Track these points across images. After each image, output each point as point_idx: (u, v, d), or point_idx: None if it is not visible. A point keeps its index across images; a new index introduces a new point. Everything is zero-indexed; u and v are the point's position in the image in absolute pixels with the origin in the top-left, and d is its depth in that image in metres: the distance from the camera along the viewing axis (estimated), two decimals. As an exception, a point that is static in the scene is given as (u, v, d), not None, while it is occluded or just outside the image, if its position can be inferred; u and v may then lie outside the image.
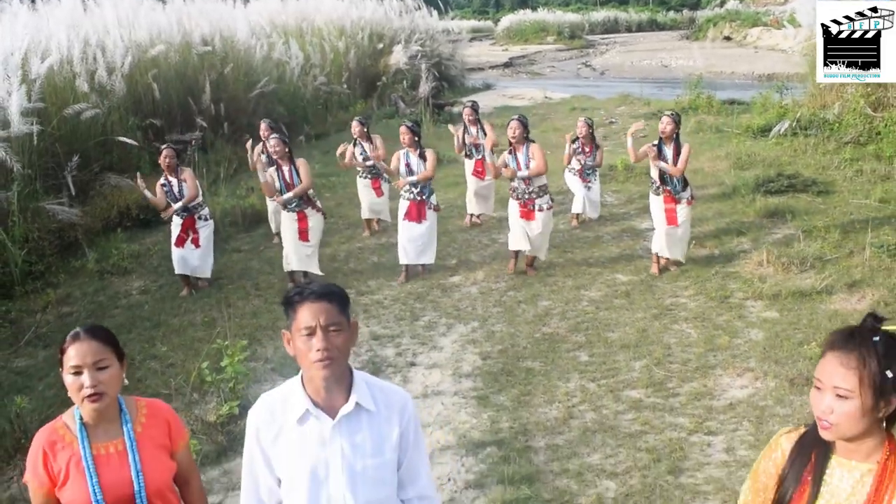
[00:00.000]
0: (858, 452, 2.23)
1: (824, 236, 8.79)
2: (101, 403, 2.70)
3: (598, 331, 6.94)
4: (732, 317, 7.07)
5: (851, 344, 2.15)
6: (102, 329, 2.82)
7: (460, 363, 6.49)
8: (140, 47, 13.92)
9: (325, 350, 2.42)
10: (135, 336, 7.45)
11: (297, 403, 2.53)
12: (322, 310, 2.45)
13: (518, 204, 8.20)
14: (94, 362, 2.68)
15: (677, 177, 8.03)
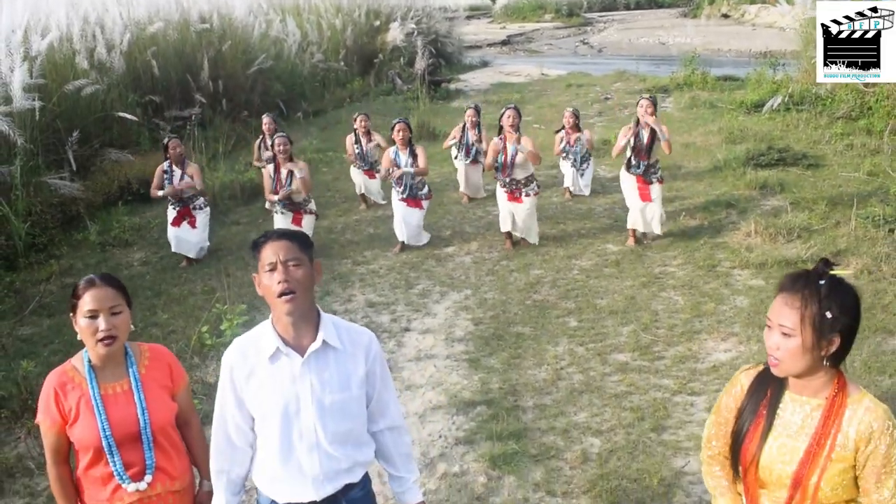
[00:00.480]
0: (809, 388, 2.41)
1: (812, 208, 8.96)
2: (113, 346, 2.90)
3: (588, 298, 7.13)
4: (719, 284, 7.26)
5: (797, 286, 2.33)
6: (114, 277, 3.03)
7: (453, 328, 6.68)
8: (139, 25, 14.04)
9: (285, 282, 2.59)
10: (136, 305, 7.52)
11: (267, 343, 2.70)
12: (282, 247, 2.65)
13: (505, 191, 8.37)
14: (109, 307, 2.88)
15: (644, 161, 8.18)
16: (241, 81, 15.81)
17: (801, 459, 2.39)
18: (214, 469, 2.89)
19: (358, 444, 2.85)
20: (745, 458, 2.51)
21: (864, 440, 2.34)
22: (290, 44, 18.21)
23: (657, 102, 8.40)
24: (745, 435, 2.51)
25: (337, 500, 2.82)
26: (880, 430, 2.34)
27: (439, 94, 18.91)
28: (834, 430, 2.37)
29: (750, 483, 2.52)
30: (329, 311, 7.05)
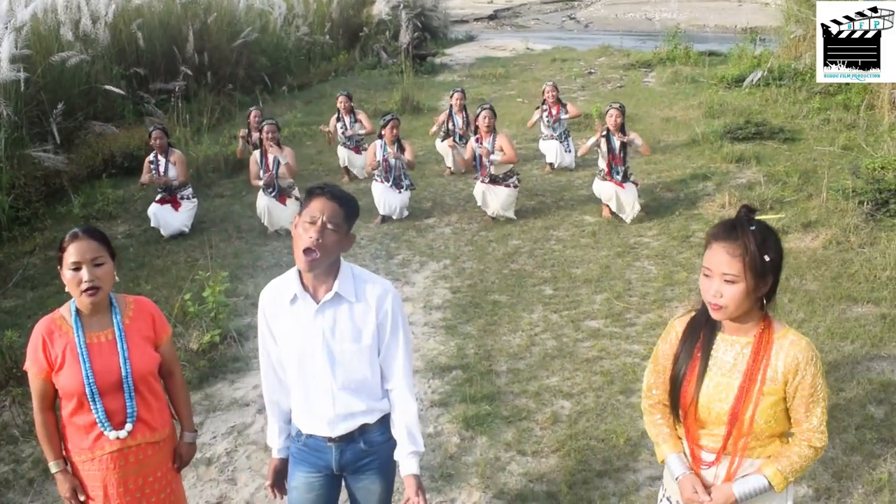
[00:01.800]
0: (739, 329, 2.58)
1: (785, 180, 9.12)
2: (97, 296, 3.04)
3: (564, 267, 7.30)
4: (692, 255, 7.42)
5: (735, 234, 2.48)
6: (97, 230, 3.17)
7: (431, 297, 6.85)
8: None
9: (315, 240, 2.69)
10: (120, 277, 7.57)
11: (290, 287, 2.85)
12: (329, 207, 2.74)
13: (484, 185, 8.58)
14: (91, 259, 3.02)
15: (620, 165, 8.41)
16: (226, 54, 15.83)
17: (735, 395, 2.56)
18: (267, 399, 3.09)
19: (371, 393, 2.93)
20: (684, 401, 2.67)
21: (792, 372, 2.52)
22: (275, 16, 18.20)
23: (626, 111, 8.71)
24: (682, 378, 2.67)
25: (354, 439, 2.95)
26: (805, 361, 2.51)
27: (424, 67, 18.97)
28: (763, 365, 2.54)
29: (690, 424, 2.69)
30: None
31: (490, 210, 8.58)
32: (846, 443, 4.56)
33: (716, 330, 2.65)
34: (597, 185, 8.69)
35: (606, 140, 8.45)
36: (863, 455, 4.45)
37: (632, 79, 17.11)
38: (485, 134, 8.45)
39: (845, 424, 4.72)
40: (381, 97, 15.73)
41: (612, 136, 8.44)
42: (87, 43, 12.63)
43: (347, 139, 10.41)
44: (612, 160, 8.43)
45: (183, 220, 8.80)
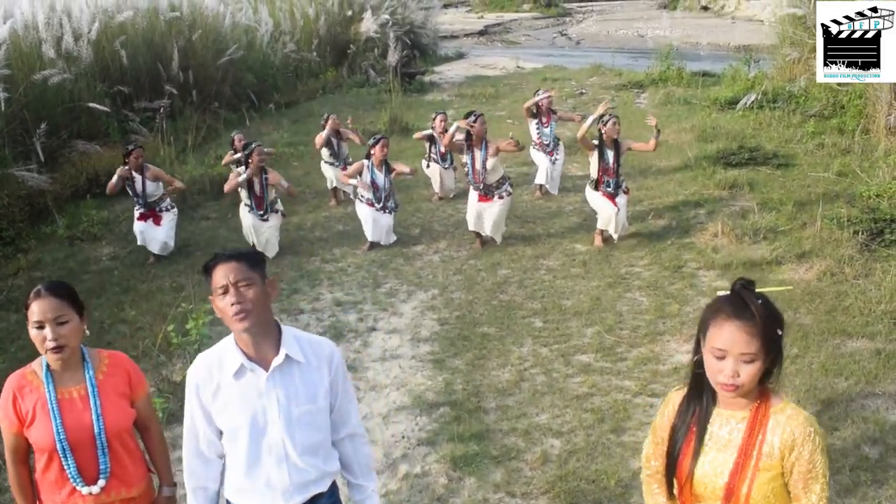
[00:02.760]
0: (736, 403, 2.48)
1: (779, 208, 9.05)
2: (63, 354, 2.96)
3: (554, 298, 7.18)
4: (684, 286, 7.33)
5: (749, 312, 2.36)
6: (62, 285, 3.06)
7: (419, 328, 6.72)
8: (107, 13, 13.87)
9: (238, 304, 2.65)
10: (104, 301, 7.61)
11: (232, 360, 2.76)
12: (232, 268, 2.69)
13: (477, 194, 8.39)
14: (54, 318, 2.93)
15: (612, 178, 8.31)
16: (211, 72, 15.67)
17: (730, 471, 2.46)
18: (190, 487, 2.95)
19: (326, 455, 2.92)
20: (680, 475, 2.57)
21: (788, 448, 2.42)
22: (262, 33, 18.09)
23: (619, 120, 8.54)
24: (679, 452, 2.58)
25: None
26: (802, 437, 2.41)
27: (413, 86, 18.89)
28: (759, 440, 2.44)
29: (686, 499, 2.58)
30: (296, 309, 7.15)
31: (486, 230, 8.43)
32: (840, 484, 4.47)
33: (711, 404, 2.54)
34: (591, 195, 8.55)
35: (599, 153, 8.27)
36: (857, 498, 4.37)
37: (623, 100, 17.05)
38: (477, 142, 8.24)
39: (839, 465, 4.61)
40: (370, 117, 15.61)
41: (606, 148, 8.27)
42: (70, 61, 12.49)
43: (336, 159, 10.26)
44: (604, 173, 8.30)
45: (167, 232, 8.64)
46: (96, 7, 13.66)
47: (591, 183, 8.48)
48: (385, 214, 8.64)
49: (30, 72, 11.26)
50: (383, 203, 8.58)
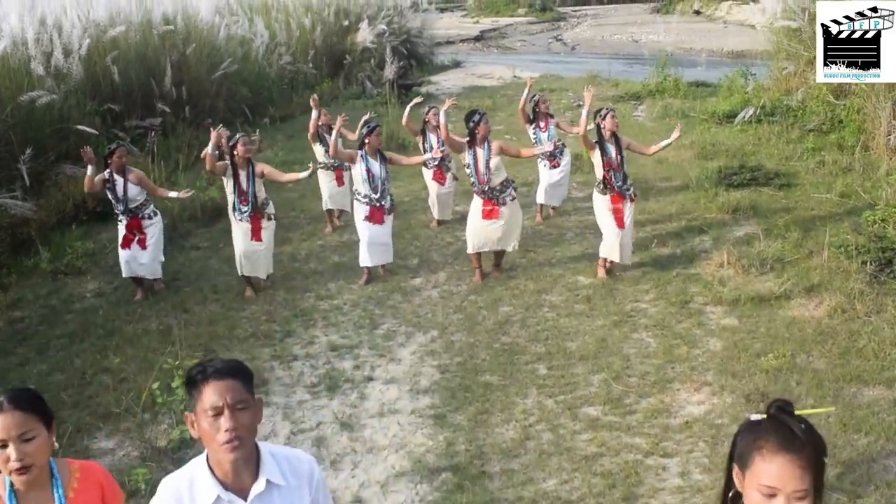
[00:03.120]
0: None
1: (785, 235, 8.79)
2: (29, 475, 2.62)
3: (558, 340, 6.89)
4: (692, 324, 7.05)
5: (798, 443, 2.09)
6: (28, 396, 2.72)
7: (418, 377, 6.43)
8: (99, 27, 13.55)
9: (233, 430, 2.35)
10: (87, 346, 7.31)
11: (205, 489, 2.45)
12: (228, 388, 2.39)
13: (482, 201, 8.00)
14: (19, 434, 2.59)
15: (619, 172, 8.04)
16: (205, 86, 15.37)
17: None
18: None
19: None
20: None
21: None
22: (257, 45, 17.79)
23: None
24: None
25: None
26: None
27: (410, 97, 18.52)
28: None
29: None
30: (290, 355, 6.85)
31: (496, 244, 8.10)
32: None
33: None
34: (598, 204, 8.20)
35: (601, 148, 7.97)
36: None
37: (621, 112, 16.68)
38: (479, 141, 7.92)
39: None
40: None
41: (607, 143, 7.99)
42: (59, 78, 12.19)
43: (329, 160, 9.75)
44: (609, 167, 7.98)
45: (153, 252, 8.22)
46: (88, 21, 13.34)
47: (598, 186, 8.12)
48: (382, 227, 8.20)
49: (17, 91, 10.96)
50: (380, 195, 8.14)
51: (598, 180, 8.15)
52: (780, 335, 6.68)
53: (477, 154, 7.94)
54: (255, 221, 8.02)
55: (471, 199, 8.39)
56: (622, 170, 8.07)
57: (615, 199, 8.05)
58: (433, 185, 10.05)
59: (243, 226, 8.03)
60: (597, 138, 8.07)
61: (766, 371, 6.11)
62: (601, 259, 8.24)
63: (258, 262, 8.14)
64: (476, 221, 8.06)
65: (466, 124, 8.01)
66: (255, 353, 6.84)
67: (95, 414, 6.08)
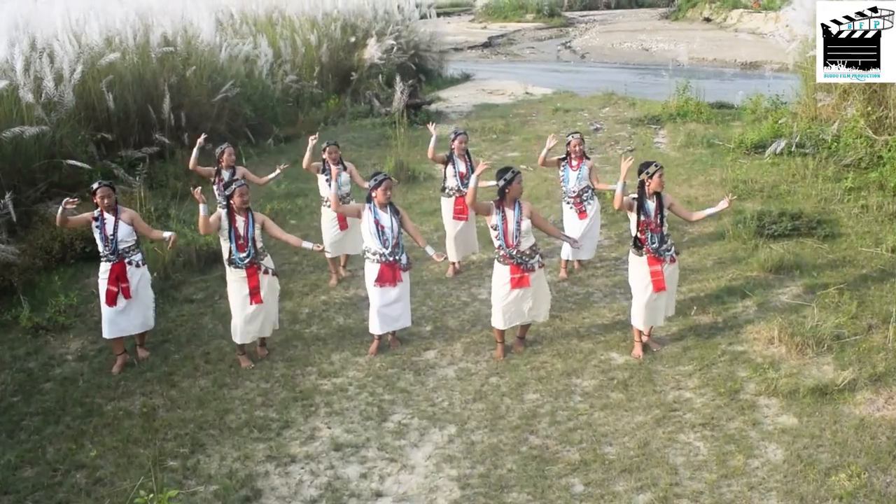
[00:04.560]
0: None
1: (838, 304, 7.96)
2: None
3: (594, 444, 6.01)
4: (745, 423, 6.20)
5: None
6: None
7: (435, 494, 5.55)
8: (93, 51, 12.71)
9: None
10: (62, 429, 6.50)
11: None
12: None
13: (509, 269, 7.12)
14: None
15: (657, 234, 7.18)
16: (206, 109, 14.55)
17: None
18: None
19: None
20: None
21: None
22: (261, 63, 16.95)
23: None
24: None
25: None
26: None
27: (419, 118, 17.69)
28: None
29: None
30: (287, 456, 5.96)
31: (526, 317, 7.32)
32: None
33: None
34: (633, 265, 7.37)
35: (639, 206, 7.15)
36: None
37: (641, 138, 15.93)
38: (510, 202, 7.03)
39: None
40: (373, 158, 14.52)
41: (647, 200, 7.17)
42: (50, 106, 11.40)
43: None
44: (647, 227, 7.16)
45: (144, 303, 7.51)
46: (82, 46, 12.49)
47: (634, 244, 7.29)
48: (395, 289, 7.34)
49: (4, 124, 10.18)
50: (392, 249, 7.29)
51: (633, 238, 7.31)
52: (849, 444, 5.84)
53: (506, 215, 7.03)
54: (252, 278, 7.22)
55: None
56: (661, 231, 7.20)
57: (652, 262, 7.21)
58: (451, 223, 9.28)
59: (241, 284, 7.24)
60: (636, 195, 7.22)
61: (839, 497, 5.27)
62: (636, 332, 7.43)
63: (263, 323, 7.40)
64: (503, 292, 7.20)
65: (497, 181, 7.09)
66: (247, 451, 6.01)
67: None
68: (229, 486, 5.62)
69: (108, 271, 7.32)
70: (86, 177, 11.40)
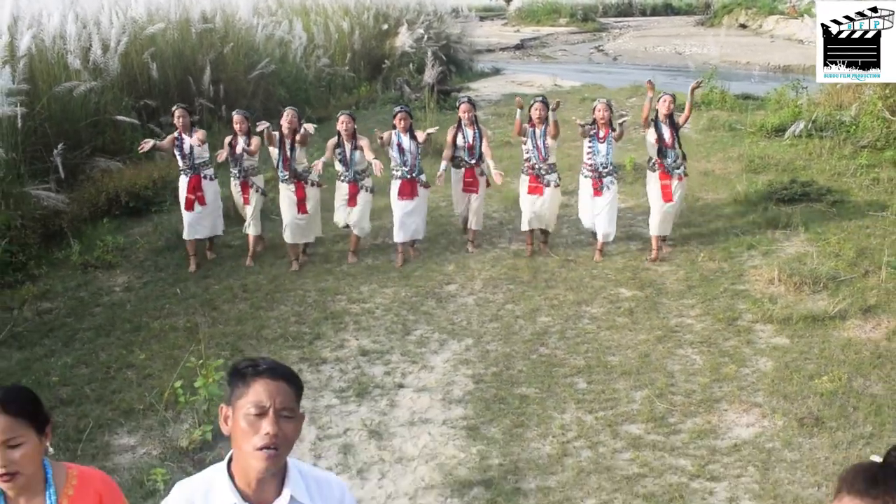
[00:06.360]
0: None
1: (838, 253, 8.42)
2: (15, 482, 2.38)
3: (599, 354, 6.56)
4: (740, 342, 6.70)
5: (875, 490, 1.82)
6: (19, 397, 2.43)
7: (451, 386, 6.13)
8: (137, 24, 13.47)
9: (273, 437, 2.11)
10: (113, 340, 7.12)
11: (222, 497, 2.20)
12: (279, 390, 2.15)
13: (528, 178, 8.69)
14: (4, 440, 2.34)
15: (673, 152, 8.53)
16: (242, 85, 15.24)
17: None
18: None
19: None
20: None
21: None
22: (295, 46, 17.65)
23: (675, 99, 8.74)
24: None
25: None
26: None
27: (448, 103, 18.28)
28: None
29: None
30: (319, 358, 6.59)
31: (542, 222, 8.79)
32: None
33: None
34: (650, 179, 8.77)
35: (655, 127, 8.49)
36: None
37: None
38: (537, 123, 8.61)
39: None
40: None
41: (661, 123, 8.50)
42: (96, 73, 12.10)
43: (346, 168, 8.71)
44: (661, 144, 8.49)
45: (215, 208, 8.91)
46: (126, 18, 13.26)
47: (651, 164, 8.70)
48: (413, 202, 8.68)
49: (54, 83, 10.88)
50: (410, 168, 8.69)
51: (650, 160, 8.70)
52: (834, 357, 6.32)
53: (536, 133, 8.59)
54: (299, 190, 8.60)
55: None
56: (674, 148, 8.52)
57: (663, 176, 8.55)
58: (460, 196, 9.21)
59: (290, 194, 8.60)
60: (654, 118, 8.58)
61: (820, 394, 5.76)
62: (653, 239, 8.73)
63: (306, 229, 8.73)
64: (524, 196, 8.79)
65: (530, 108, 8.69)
66: (282, 355, 6.59)
67: (118, 410, 5.87)
68: (265, 379, 6.22)
69: (186, 183, 8.67)
70: (128, 143, 12.11)
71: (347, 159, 8.64)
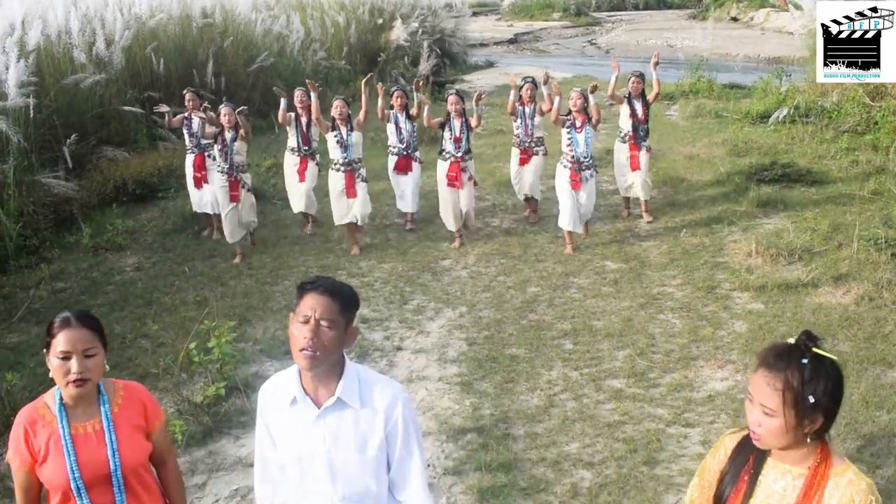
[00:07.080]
0: (791, 457, 2.33)
1: (814, 228, 8.84)
2: (85, 388, 2.84)
3: (584, 319, 7.01)
4: (718, 308, 7.14)
5: (780, 364, 2.24)
6: (91, 317, 2.94)
7: (446, 349, 6.57)
8: (139, 19, 13.87)
9: (310, 340, 2.50)
10: (127, 314, 7.53)
11: (290, 389, 2.65)
12: (321, 303, 2.54)
13: (519, 151, 9.69)
14: (83, 350, 2.81)
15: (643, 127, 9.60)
16: (242, 79, 15.65)
17: None
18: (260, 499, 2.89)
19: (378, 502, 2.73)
20: None
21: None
22: (293, 40, 18.04)
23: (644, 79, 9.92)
24: (725, 500, 2.44)
25: None
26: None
27: (443, 95, 18.69)
28: (816, 501, 2.30)
29: None
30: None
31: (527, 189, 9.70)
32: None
33: (766, 455, 2.40)
34: (618, 148, 9.86)
35: (629, 104, 9.59)
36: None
37: (654, 112, 16.68)
38: (527, 102, 9.57)
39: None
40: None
41: (634, 100, 9.61)
42: (101, 66, 12.49)
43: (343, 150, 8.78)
44: (636, 120, 9.55)
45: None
46: (129, 14, 13.66)
47: (623, 136, 9.70)
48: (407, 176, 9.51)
49: (61, 76, 11.27)
50: (406, 145, 9.51)
51: (621, 132, 9.74)
52: (805, 320, 6.75)
53: (525, 112, 9.56)
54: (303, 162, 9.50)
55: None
56: (645, 123, 9.64)
57: (632, 147, 9.53)
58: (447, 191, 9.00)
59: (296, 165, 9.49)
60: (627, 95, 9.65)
61: (789, 351, 6.18)
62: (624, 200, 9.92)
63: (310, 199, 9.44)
64: (515, 168, 9.79)
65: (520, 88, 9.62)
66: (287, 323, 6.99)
67: (135, 374, 6.27)
68: (272, 344, 6.65)
69: (192, 161, 9.31)
70: (132, 134, 12.54)
71: (345, 142, 8.71)
